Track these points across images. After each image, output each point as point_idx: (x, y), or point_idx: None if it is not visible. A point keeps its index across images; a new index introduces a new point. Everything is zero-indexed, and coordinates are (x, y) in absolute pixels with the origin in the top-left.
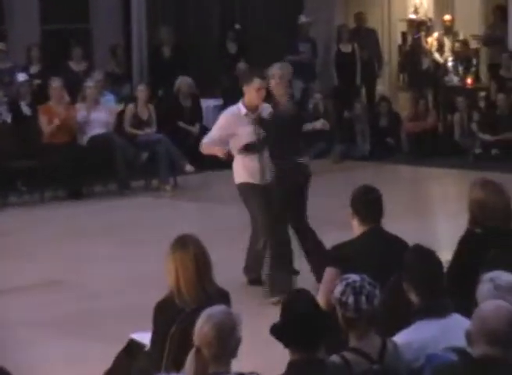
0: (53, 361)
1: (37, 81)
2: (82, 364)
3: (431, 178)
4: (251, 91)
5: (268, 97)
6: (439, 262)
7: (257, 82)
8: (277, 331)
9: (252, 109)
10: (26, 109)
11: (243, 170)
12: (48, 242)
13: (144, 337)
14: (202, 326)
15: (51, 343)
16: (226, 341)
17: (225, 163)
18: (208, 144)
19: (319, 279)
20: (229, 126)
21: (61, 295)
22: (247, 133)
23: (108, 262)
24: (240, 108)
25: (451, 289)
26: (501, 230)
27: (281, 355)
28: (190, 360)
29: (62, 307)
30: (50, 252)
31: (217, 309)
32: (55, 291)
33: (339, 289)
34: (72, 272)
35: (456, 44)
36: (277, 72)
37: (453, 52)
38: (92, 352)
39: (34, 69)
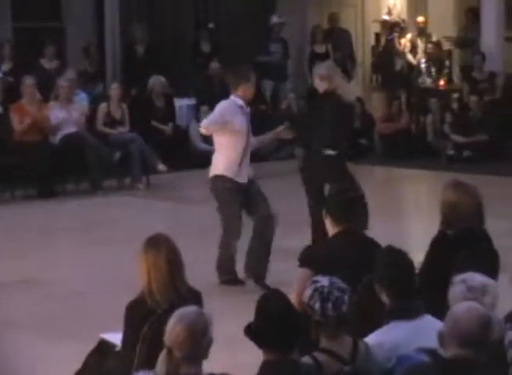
0: (23, 360)
1: (10, 79)
2: (52, 363)
3: (404, 179)
4: (250, 87)
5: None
6: (410, 264)
7: (254, 78)
8: (251, 332)
9: (246, 103)
10: None
11: (226, 163)
12: (18, 241)
13: (115, 337)
14: (174, 327)
15: (20, 342)
16: (198, 341)
17: (198, 162)
18: (213, 124)
19: None
20: (228, 113)
21: (31, 294)
22: (240, 123)
23: (78, 261)
24: (235, 100)
25: (422, 290)
26: (473, 232)
27: (254, 356)
28: (161, 361)
29: (31, 306)
30: (20, 251)
31: (189, 310)
32: (25, 290)
33: (307, 293)
34: (43, 271)
35: (429, 46)
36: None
37: (426, 54)
38: (62, 352)
39: (6, 66)
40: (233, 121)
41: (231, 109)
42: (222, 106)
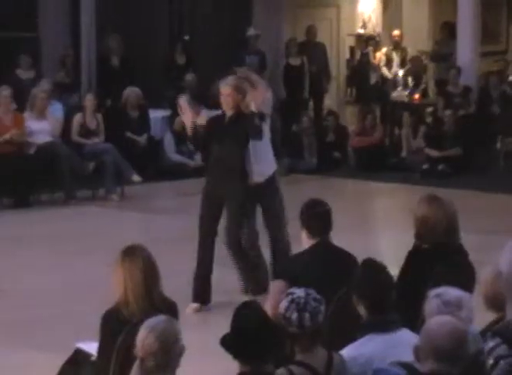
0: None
1: None
2: (23, 373)
3: (377, 193)
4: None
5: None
6: (388, 277)
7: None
8: (226, 343)
9: None
10: None
11: None
12: None
13: (91, 347)
14: (145, 338)
15: None
16: (171, 350)
17: (172, 174)
18: None
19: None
20: None
21: (0, 304)
22: None
23: (51, 271)
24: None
25: (397, 304)
26: (448, 246)
27: (228, 367)
28: (134, 371)
29: (0, 315)
30: None
31: (158, 319)
32: None
33: (283, 304)
34: (12, 280)
35: (409, 59)
36: None
37: (406, 68)
38: (36, 361)
39: None
40: None
41: None
42: None
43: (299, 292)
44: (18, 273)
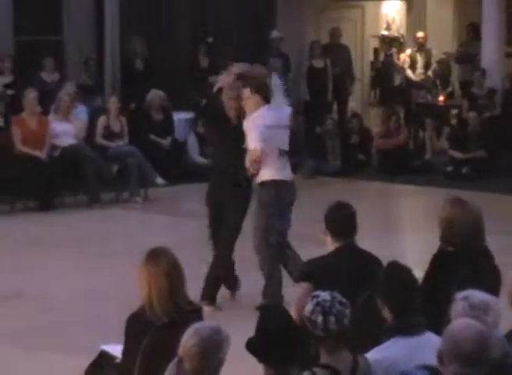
0: (15, 374)
1: (11, 91)
2: None
3: (401, 195)
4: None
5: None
6: (414, 280)
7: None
8: (251, 346)
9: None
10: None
11: None
12: (16, 253)
13: (116, 349)
14: (188, 339)
15: (13, 356)
16: (209, 358)
17: (195, 176)
18: None
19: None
20: None
21: (24, 307)
22: None
23: (74, 274)
24: None
25: (423, 307)
26: (473, 249)
27: (254, 371)
28: (170, 369)
29: (25, 319)
30: (17, 263)
31: (207, 325)
32: (18, 303)
33: (308, 308)
34: (37, 283)
35: (437, 61)
36: None
37: (434, 70)
38: (57, 365)
39: (7, 79)
40: None
41: None
42: None
43: (324, 295)
44: (42, 275)
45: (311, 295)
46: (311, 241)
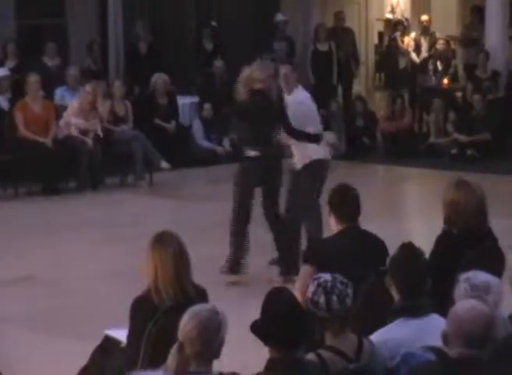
0: (27, 357)
1: (16, 76)
2: (57, 360)
3: (406, 178)
4: None
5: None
6: (427, 263)
7: None
8: (257, 329)
9: None
10: (4, 104)
11: None
12: (22, 238)
13: (121, 334)
14: (187, 323)
15: (25, 339)
16: (210, 340)
17: (200, 160)
18: None
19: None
20: None
21: (35, 291)
22: None
23: (80, 259)
24: None
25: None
26: (477, 231)
27: (258, 355)
28: (172, 355)
29: (35, 303)
30: (24, 248)
31: (204, 307)
32: (29, 287)
33: (311, 289)
34: (46, 268)
35: (439, 42)
36: None
37: (435, 52)
38: (67, 349)
39: (11, 64)
40: None
41: None
42: None
43: (325, 276)
44: (48, 260)
45: (312, 278)
46: None
